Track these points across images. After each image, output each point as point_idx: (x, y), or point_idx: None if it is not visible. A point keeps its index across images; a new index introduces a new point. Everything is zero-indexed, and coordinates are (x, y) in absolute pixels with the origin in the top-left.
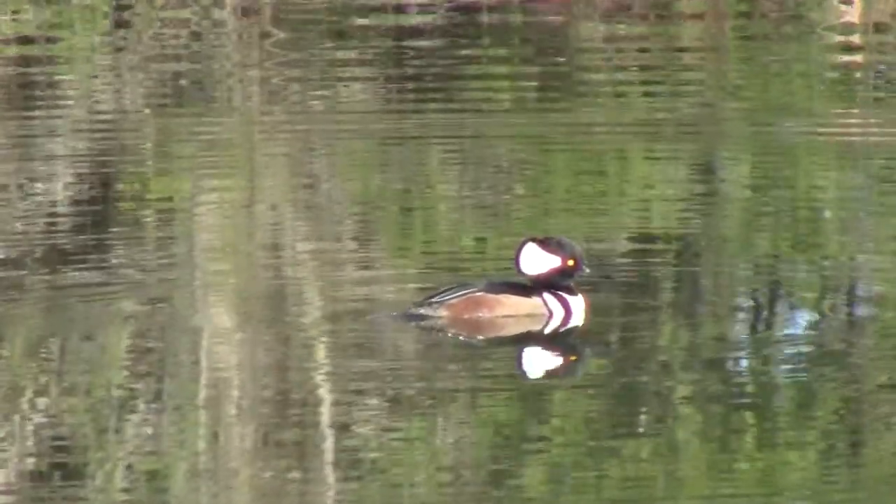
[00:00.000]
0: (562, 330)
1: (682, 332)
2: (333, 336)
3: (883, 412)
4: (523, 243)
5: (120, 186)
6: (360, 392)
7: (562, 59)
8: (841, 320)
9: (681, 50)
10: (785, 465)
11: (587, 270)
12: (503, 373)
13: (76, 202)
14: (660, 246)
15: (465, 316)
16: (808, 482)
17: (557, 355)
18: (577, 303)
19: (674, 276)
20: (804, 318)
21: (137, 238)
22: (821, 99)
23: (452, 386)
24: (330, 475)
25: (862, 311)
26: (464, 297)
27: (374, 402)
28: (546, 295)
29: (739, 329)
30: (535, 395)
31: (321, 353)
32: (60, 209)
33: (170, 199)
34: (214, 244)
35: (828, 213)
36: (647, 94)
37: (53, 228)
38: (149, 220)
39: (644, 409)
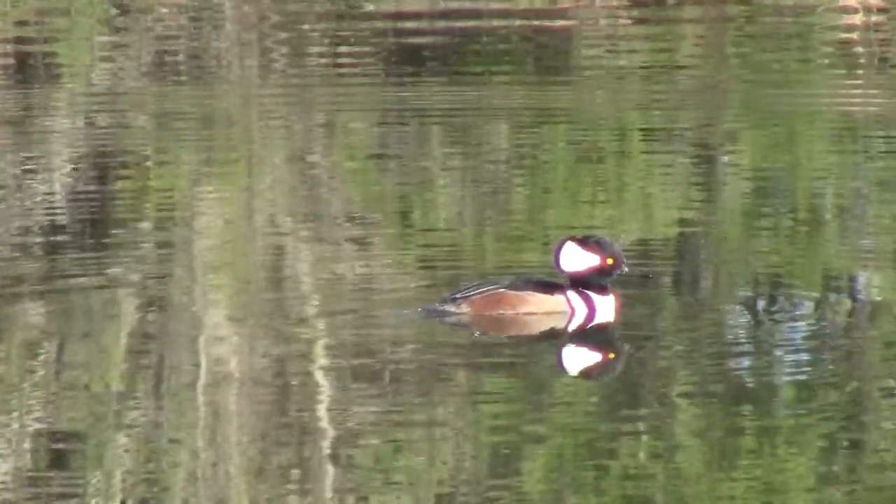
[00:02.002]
0: (585, 328)
1: (682, 332)
2: (334, 333)
3: (883, 413)
4: (563, 242)
5: (118, 180)
6: (360, 390)
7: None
8: (841, 319)
9: (681, 36)
10: (785, 468)
11: (626, 269)
12: (509, 371)
13: (74, 194)
14: (659, 241)
15: (487, 313)
16: (808, 486)
17: (568, 353)
18: (605, 302)
19: (674, 272)
20: (805, 316)
21: (136, 233)
22: (820, 75)
23: (455, 384)
24: (330, 475)
25: (863, 308)
26: (486, 294)
27: (374, 400)
28: (570, 293)
29: (739, 328)
30: (537, 393)
31: (321, 349)
32: (58, 202)
33: (169, 193)
34: (213, 241)
35: (828, 210)
36: (646, 78)
37: (51, 221)
38: (147, 215)
39: (644, 411)
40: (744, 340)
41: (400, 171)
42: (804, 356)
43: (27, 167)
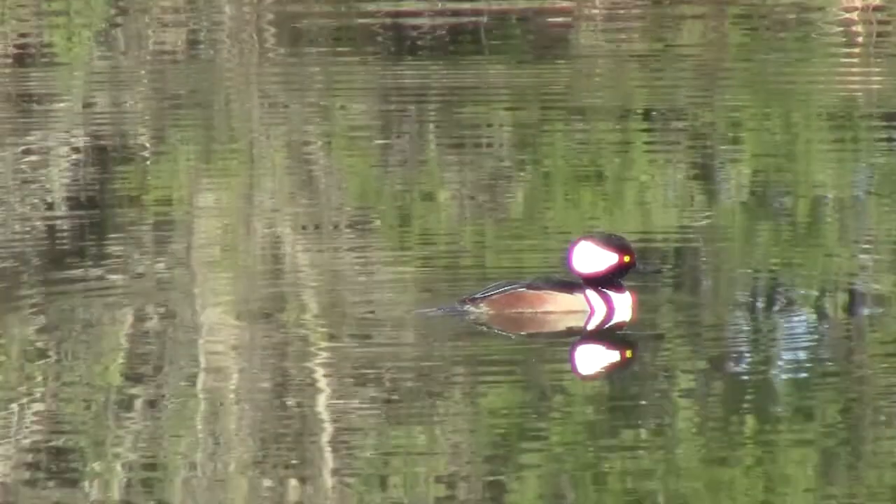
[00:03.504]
0: (604, 327)
1: (681, 331)
2: (333, 334)
3: (883, 413)
4: (577, 241)
5: (116, 174)
6: (359, 391)
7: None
8: (841, 319)
9: (680, 27)
10: (785, 472)
11: (640, 266)
12: (509, 370)
13: (73, 193)
14: (658, 241)
15: (507, 312)
16: (808, 487)
17: (580, 353)
18: (623, 300)
19: (673, 271)
20: (804, 317)
21: (135, 234)
22: (821, 64)
23: (455, 384)
24: (329, 475)
25: (862, 309)
26: (506, 293)
27: (374, 401)
28: (589, 291)
29: (739, 328)
30: (542, 394)
31: (321, 351)
32: (57, 200)
33: (167, 198)
34: (213, 241)
35: (828, 208)
36: (645, 67)
37: (50, 220)
38: (146, 215)
39: (644, 412)
40: (744, 340)
41: (398, 161)
42: (805, 357)
43: (24, 162)
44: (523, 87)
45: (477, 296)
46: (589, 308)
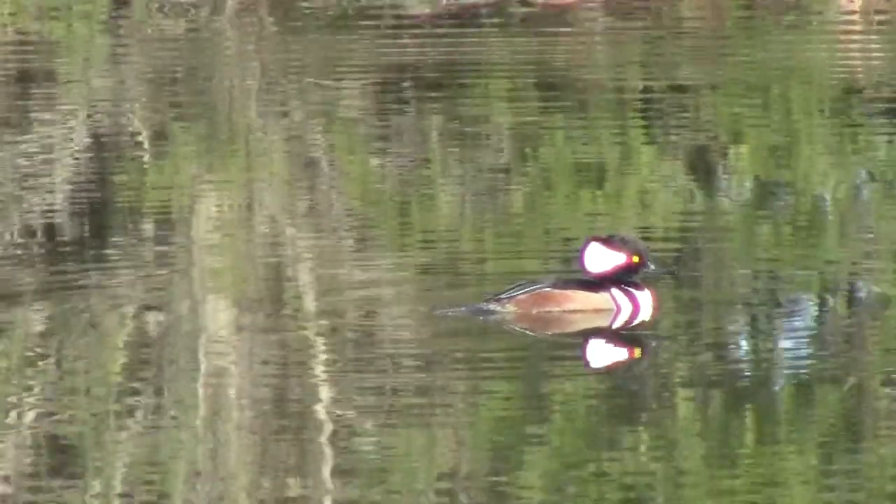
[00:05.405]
0: (630, 325)
1: (681, 330)
2: (334, 334)
3: (883, 413)
4: (587, 243)
5: (117, 182)
6: (360, 391)
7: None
8: (841, 318)
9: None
10: (785, 469)
11: (652, 267)
12: (507, 370)
13: (73, 195)
14: (659, 239)
15: (534, 311)
16: (809, 486)
17: (593, 351)
18: (645, 298)
19: (673, 269)
20: (804, 316)
21: (135, 235)
22: (822, 54)
23: (456, 384)
24: (329, 475)
25: (862, 308)
26: (531, 293)
27: (374, 401)
28: (614, 290)
29: (739, 327)
30: (542, 392)
31: (321, 351)
32: (58, 202)
33: (168, 195)
34: (213, 241)
35: (828, 206)
36: (644, 55)
37: (50, 221)
38: (147, 215)
39: (643, 410)
40: (743, 339)
41: (399, 179)
42: (805, 355)
43: (23, 161)
44: (521, 70)
45: (502, 296)
46: (615, 306)
